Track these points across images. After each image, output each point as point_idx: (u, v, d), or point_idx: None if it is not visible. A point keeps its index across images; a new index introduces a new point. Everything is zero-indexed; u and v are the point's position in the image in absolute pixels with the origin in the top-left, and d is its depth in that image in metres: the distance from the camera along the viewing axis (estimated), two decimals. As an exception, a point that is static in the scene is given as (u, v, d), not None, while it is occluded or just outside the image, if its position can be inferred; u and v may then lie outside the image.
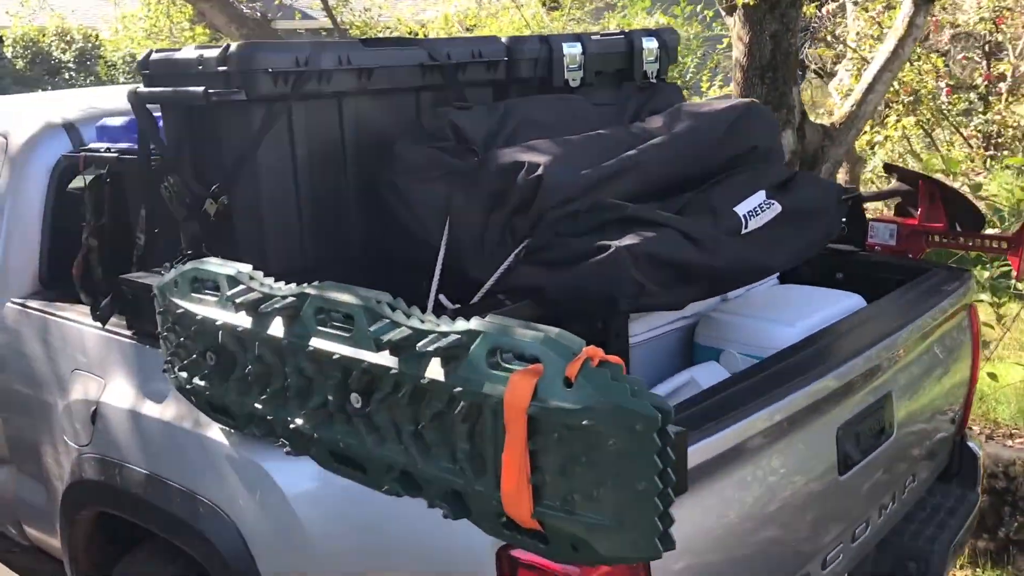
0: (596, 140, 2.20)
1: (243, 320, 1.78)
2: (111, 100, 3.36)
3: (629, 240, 1.88)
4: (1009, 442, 3.76)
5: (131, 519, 2.26)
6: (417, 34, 8.77)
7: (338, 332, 1.62)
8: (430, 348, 1.45)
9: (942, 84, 8.17)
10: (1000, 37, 7.71)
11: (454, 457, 1.47)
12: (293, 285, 1.74)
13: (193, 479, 2.07)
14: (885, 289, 2.52)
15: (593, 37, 2.69)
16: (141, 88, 2.18)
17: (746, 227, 2.09)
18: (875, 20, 8.24)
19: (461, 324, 1.46)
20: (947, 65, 8.21)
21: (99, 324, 2.45)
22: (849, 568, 2.19)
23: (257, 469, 1.95)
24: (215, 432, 2.03)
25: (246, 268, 1.85)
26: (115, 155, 2.55)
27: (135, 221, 2.50)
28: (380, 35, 8.46)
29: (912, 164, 8.37)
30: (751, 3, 5.94)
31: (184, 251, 2.24)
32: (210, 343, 1.87)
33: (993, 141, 8.13)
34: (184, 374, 1.96)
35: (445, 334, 1.47)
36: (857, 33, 8.28)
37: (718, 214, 2.07)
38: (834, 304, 2.45)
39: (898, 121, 8.13)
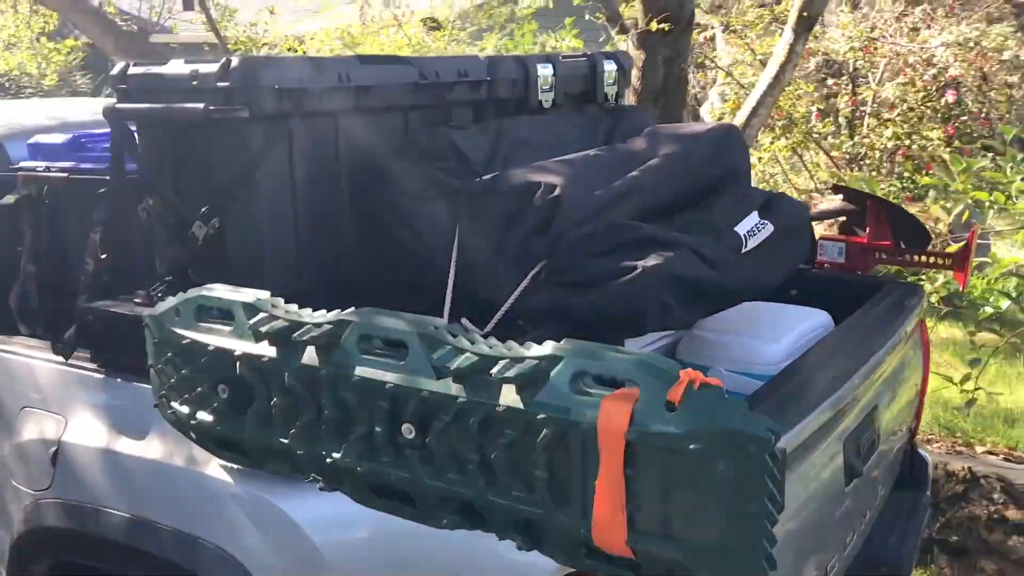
0: (595, 161, 2.20)
1: (266, 350, 1.68)
2: (27, 115, 3.15)
3: (653, 261, 1.88)
4: (927, 447, 3.97)
5: (105, 568, 2.09)
6: (296, 50, 8.58)
7: (386, 360, 1.56)
8: (508, 375, 1.40)
9: (813, 108, 8.62)
10: (864, 65, 8.20)
11: (530, 486, 1.43)
12: (323, 312, 1.66)
13: (190, 520, 1.94)
14: (840, 304, 2.62)
15: (561, 58, 2.70)
16: (120, 103, 2.03)
17: (746, 246, 2.14)
18: (748, 47, 8.62)
19: (536, 349, 1.42)
20: (816, 91, 8.67)
21: (56, 357, 2.27)
22: None
23: (268, 506, 1.84)
24: (214, 469, 1.91)
25: (264, 295, 1.75)
26: (62, 174, 2.38)
27: (80, 246, 2.34)
28: (263, 51, 8.23)
29: (782, 185, 8.78)
30: (654, 29, 6.11)
31: (164, 277, 2.11)
32: (223, 375, 1.75)
33: (858, 163, 8.61)
34: (185, 409, 1.84)
35: (519, 359, 1.42)
36: (734, 59, 8.64)
37: (721, 234, 2.10)
38: (807, 320, 2.53)
39: (772, 143, 8.52)
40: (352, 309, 1.62)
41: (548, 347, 1.41)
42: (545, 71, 2.58)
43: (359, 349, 1.58)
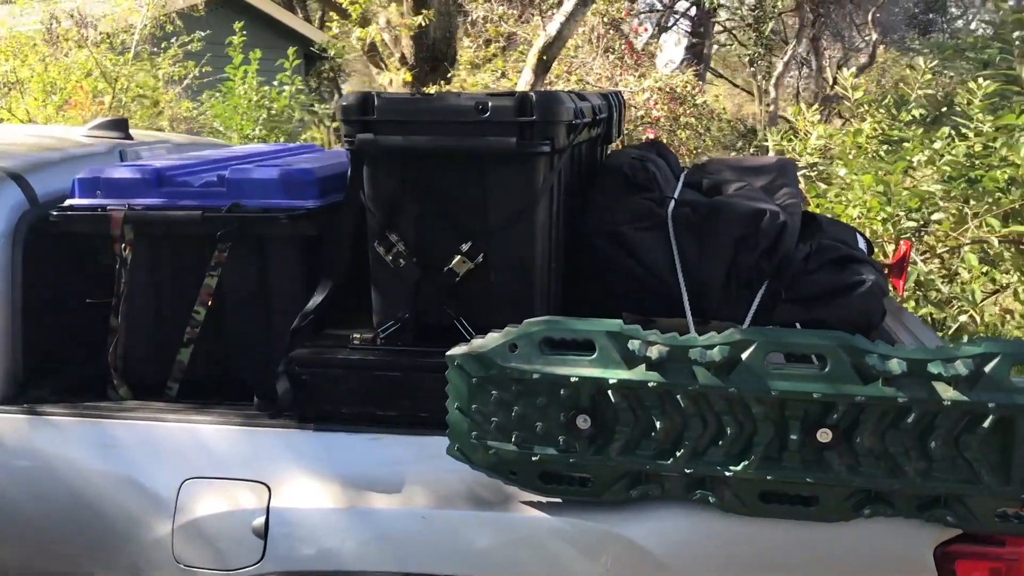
0: (757, 190, 2.44)
1: (646, 375, 1.72)
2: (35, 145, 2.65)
3: (871, 274, 2.18)
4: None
5: None
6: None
7: (799, 372, 1.70)
8: (958, 372, 1.63)
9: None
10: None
11: (960, 467, 1.67)
12: (695, 335, 1.74)
13: (484, 565, 1.86)
14: None
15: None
16: (365, 135, 1.90)
17: (865, 264, 2.51)
18: (487, 86, 9.13)
19: (967, 348, 1.66)
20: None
21: (230, 419, 2.01)
22: None
23: (603, 535, 1.83)
24: (521, 508, 1.86)
25: (615, 324, 1.78)
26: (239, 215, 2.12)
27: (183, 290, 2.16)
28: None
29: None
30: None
31: (397, 315, 2.00)
32: (582, 407, 1.76)
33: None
34: (512, 448, 1.79)
35: (951, 359, 1.66)
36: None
37: (857, 252, 2.45)
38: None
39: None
40: (747, 328, 1.73)
41: (981, 346, 1.66)
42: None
43: (763, 365, 1.70)
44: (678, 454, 1.74)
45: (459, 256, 1.95)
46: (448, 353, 1.82)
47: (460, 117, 1.88)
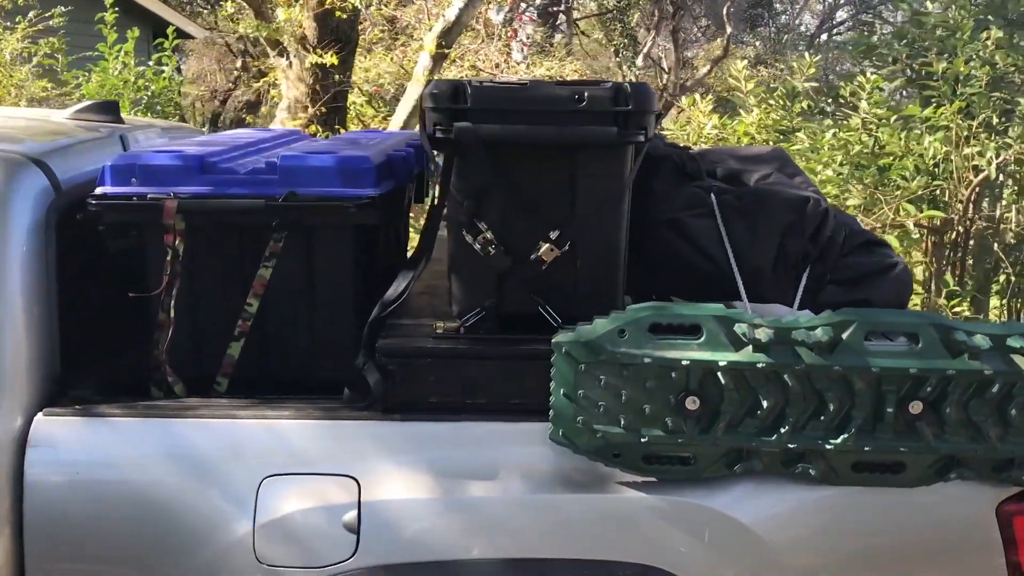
0: (778, 178, 2.55)
1: (753, 357, 1.81)
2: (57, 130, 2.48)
3: (899, 258, 2.34)
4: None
5: None
6: None
7: (895, 350, 1.82)
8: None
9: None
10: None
11: (1033, 431, 1.84)
12: (795, 316, 1.83)
13: (591, 547, 1.91)
14: None
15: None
16: (463, 123, 1.89)
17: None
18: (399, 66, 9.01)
19: None
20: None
21: (312, 413, 1.97)
22: None
23: (705, 513, 1.90)
24: (622, 489, 1.91)
25: (719, 308, 1.85)
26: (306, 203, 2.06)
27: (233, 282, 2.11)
28: None
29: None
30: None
31: (481, 303, 2.00)
32: (690, 389, 1.82)
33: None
34: (617, 431, 1.84)
35: (1030, 336, 1.82)
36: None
37: (874, 236, 2.62)
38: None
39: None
40: (845, 310, 1.83)
41: None
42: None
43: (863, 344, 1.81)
44: (782, 430, 1.84)
45: (547, 244, 1.97)
46: (555, 340, 1.84)
47: (556, 106, 1.90)
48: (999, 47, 4.55)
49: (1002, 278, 5.15)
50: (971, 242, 5.04)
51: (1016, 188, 5.00)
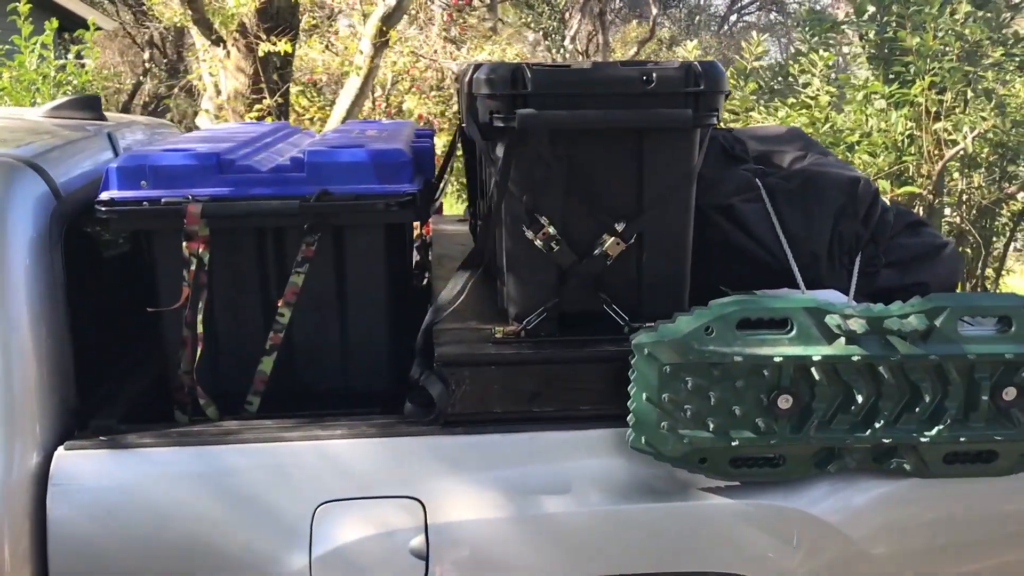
0: (818, 159, 2.46)
1: (848, 349, 1.71)
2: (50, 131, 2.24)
3: (947, 238, 2.27)
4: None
5: None
6: None
7: (989, 335, 1.74)
8: None
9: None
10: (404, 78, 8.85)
11: None
12: (896, 305, 1.73)
13: (686, 559, 1.79)
14: None
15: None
16: (524, 109, 1.73)
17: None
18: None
19: None
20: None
21: (366, 432, 1.80)
22: None
23: (789, 514, 1.80)
24: (706, 496, 1.80)
25: (809, 300, 1.75)
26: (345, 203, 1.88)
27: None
28: None
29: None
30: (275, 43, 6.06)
31: (543, 303, 1.86)
32: (784, 385, 1.71)
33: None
34: (706, 435, 1.73)
35: None
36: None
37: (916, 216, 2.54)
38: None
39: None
40: (935, 295, 1.74)
41: None
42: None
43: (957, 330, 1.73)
44: (876, 425, 1.74)
45: (612, 238, 1.83)
46: (635, 341, 1.71)
47: (624, 89, 1.76)
48: (968, 20, 4.57)
49: (969, 250, 5.20)
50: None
51: (988, 161, 5.05)
